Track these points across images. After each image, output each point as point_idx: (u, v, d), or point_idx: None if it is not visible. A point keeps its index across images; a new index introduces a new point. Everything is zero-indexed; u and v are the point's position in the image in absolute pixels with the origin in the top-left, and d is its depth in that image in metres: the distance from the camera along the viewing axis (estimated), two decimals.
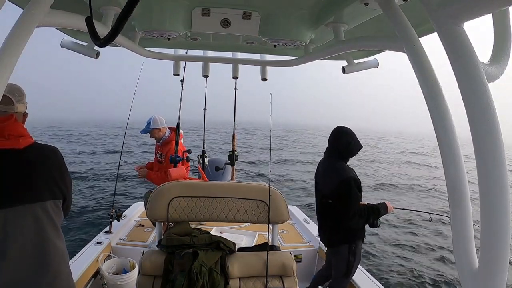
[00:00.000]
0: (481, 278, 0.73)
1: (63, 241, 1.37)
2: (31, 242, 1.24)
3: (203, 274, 1.76)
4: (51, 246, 1.28)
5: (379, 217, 2.46)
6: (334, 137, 2.57)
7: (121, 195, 8.15)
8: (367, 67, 1.84)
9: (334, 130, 2.61)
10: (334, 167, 2.49)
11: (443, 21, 0.77)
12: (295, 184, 11.85)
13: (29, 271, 1.23)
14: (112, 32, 0.63)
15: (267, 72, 2.57)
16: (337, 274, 2.52)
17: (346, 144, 2.49)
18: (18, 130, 1.28)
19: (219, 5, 1.47)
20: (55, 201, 1.33)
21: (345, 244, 2.45)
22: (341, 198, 2.36)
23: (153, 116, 3.62)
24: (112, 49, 1.99)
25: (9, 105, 1.31)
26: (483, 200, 0.72)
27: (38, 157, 1.31)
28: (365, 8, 1.19)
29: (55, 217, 1.32)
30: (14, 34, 0.81)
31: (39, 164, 1.30)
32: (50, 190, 1.31)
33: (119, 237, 3.21)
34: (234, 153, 4.06)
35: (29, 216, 1.24)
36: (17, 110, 1.33)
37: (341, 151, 2.52)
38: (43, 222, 1.26)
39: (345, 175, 2.38)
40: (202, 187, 2.14)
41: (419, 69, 0.88)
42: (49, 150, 1.39)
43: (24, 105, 1.38)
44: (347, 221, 2.36)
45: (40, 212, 1.26)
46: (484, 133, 0.71)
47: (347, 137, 2.51)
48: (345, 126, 2.60)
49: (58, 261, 1.32)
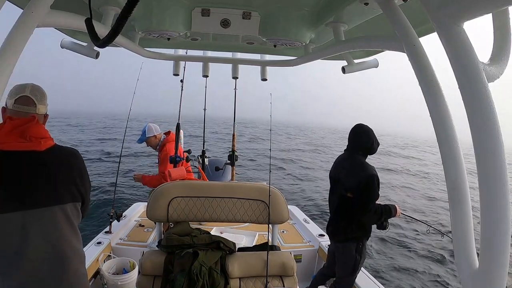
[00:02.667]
0: (481, 278, 0.73)
1: (80, 243, 1.37)
2: (50, 244, 1.24)
3: (203, 274, 1.76)
4: (69, 248, 1.29)
5: (389, 217, 2.51)
6: (357, 135, 2.62)
7: (121, 195, 8.16)
8: (367, 67, 1.85)
9: (356, 128, 2.65)
10: (359, 163, 2.54)
11: (443, 21, 0.77)
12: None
13: (48, 271, 1.23)
14: (111, 32, 0.63)
15: (267, 72, 2.57)
16: (343, 272, 2.53)
17: (370, 143, 2.56)
18: (40, 132, 1.28)
19: (219, 5, 1.47)
20: (74, 203, 1.34)
21: (353, 242, 2.50)
22: (363, 193, 2.42)
23: (147, 124, 3.65)
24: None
25: (31, 106, 1.31)
26: (483, 200, 0.72)
27: (58, 159, 1.31)
28: (365, 8, 1.19)
29: (73, 219, 1.33)
30: (14, 34, 0.81)
31: (59, 167, 1.30)
32: (69, 193, 1.32)
33: (119, 237, 3.21)
34: (234, 153, 4.07)
35: (48, 218, 1.24)
36: (39, 111, 1.33)
37: (364, 148, 2.58)
38: (62, 224, 1.27)
39: (369, 172, 2.44)
40: (202, 187, 2.14)
41: (419, 69, 0.88)
42: (69, 152, 1.39)
43: (45, 106, 1.38)
44: (362, 215, 2.43)
45: (60, 214, 1.27)
46: (484, 133, 0.71)
47: (369, 135, 2.57)
48: (365, 124, 2.64)
49: (76, 262, 1.32)
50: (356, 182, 2.45)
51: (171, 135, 3.68)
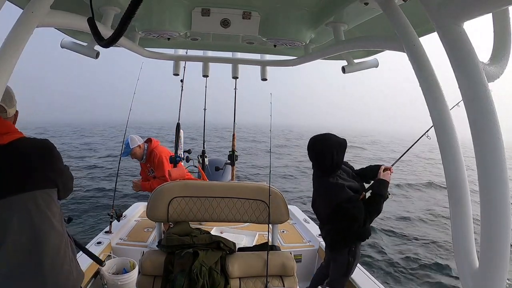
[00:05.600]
0: (481, 278, 0.73)
1: (59, 231, 1.34)
2: (22, 234, 1.23)
3: (203, 274, 1.76)
4: (44, 237, 1.27)
5: (382, 197, 2.24)
6: (312, 157, 2.31)
7: (122, 195, 8.16)
8: (367, 67, 1.85)
9: (311, 143, 2.29)
10: (324, 187, 2.26)
11: (443, 21, 0.77)
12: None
13: (22, 262, 1.23)
14: (116, 33, 0.63)
15: (267, 72, 2.57)
16: (336, 274, 2.50)
17: (329, 160, 2.20)
18: (4, 128, 1.30)
19: (219, 5, 1.47)
20: (45, 190, 1.32)
21: (345, 247, 2.38)
22: (342, 218, 2.21)
23: (129, 136, 3.62)
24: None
25: (2, 113, 1.34)
26: (483, 200, 0.72)
27: (22, 149, 1.31)
28: (365, 8, 1.19)
29: (46, 207, 1.30)
30: (14, 34, 0.81)
31: (23, 156, 1.30)
32: (37, 180, 1.30)
33: (119, 237, 3.21)
34: (234, 153, 4.07)
35: (16, 208, 1.23)
36: (9, 115, 1.37)
37: (323, 170, 2.26)
38: (31, 213, 1.26)
39: (337, 199, 2.15)
40: (202, 187, 2.14)
41: (419, 69, 0.88)
42: (36, 141, 1.38)
43: (15, 107, 1.41)
44: (358, 228, 2.24)
45: (29, 203, 1.26)
46: (484, 133, 0.71)
47: (324, 154, 2.21)
48: (320, 135, 2.31)
49: (53, 253, 1.30)
50: (328, 212, 2.27)
51: (153, 142, 3.70)
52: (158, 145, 3.73)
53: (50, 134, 33.64)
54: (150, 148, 3.64)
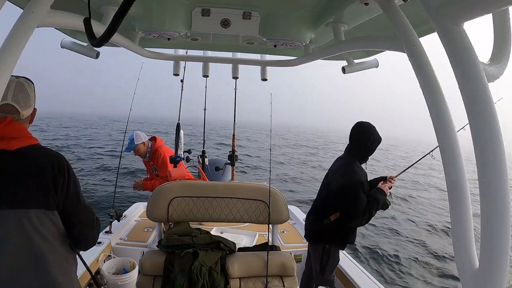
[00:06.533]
0: (481, 278, 0.73)
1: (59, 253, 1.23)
2: (18, 247, 1.14)
3: (203, 274, 1.76)
4: (40, 258, 1.17)
5: (379, 205, 2.38)
6: (351, 137, 2.48)
7: (121, 195, 8.15)
8: (367, 67, 1.85)
9: (353, 128, 2.47)
10: (345, 168, 2.42)
11: (443, 21, 0.77)
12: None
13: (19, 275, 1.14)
14: (108, 31, 0.61)
15: (267, 72, 2.57)
16: (315, 271, 2.58)
17: (365, 145, 2.40)
18: (13, 132, 1.18)
19: (219, 5, 1.47)
20: (43, 210, 1.18)
21: (320, 243, 2.49)
22: (345, 201, 2.33)
23: (134, 132, 3.61)
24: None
25: (14, 114, 1.21)
26: (483, 200, 0.71)
27: (29, 160, 1.18)
28: (365, 8, 1.19)
29: (43, 228, 1.17)
30: (14, 34, 0.81)
31: (28, 169, 1.17)
32: (36, 198, 1.17)
33: (119, 237, 3.21)
34: (234, 153, 4.06)
35: (12, 222, 1.13)
36: (22, 117, 1.23)
37: (357, 151, 2.45)
38: (28, 231, 1.15)
39: (351, 180, 2.31)
40: (202, 187, 2.14)
41: (419, 69, 0.88)
42: (47, 154, 1.23)
43: (31, 107, 1.27)
44: (349, 223, 2.37)
45: (24, 220, 1.14)
46: (484, 133, 0.71)
47: (365, 136, 2.40)
48: (365, 122, 2.49)
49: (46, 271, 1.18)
50: (338, 188, 2.37)
51: (158, 140, 3.69)
52: (162, 144, 3.71)
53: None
54: (155, 147, 3.61)
